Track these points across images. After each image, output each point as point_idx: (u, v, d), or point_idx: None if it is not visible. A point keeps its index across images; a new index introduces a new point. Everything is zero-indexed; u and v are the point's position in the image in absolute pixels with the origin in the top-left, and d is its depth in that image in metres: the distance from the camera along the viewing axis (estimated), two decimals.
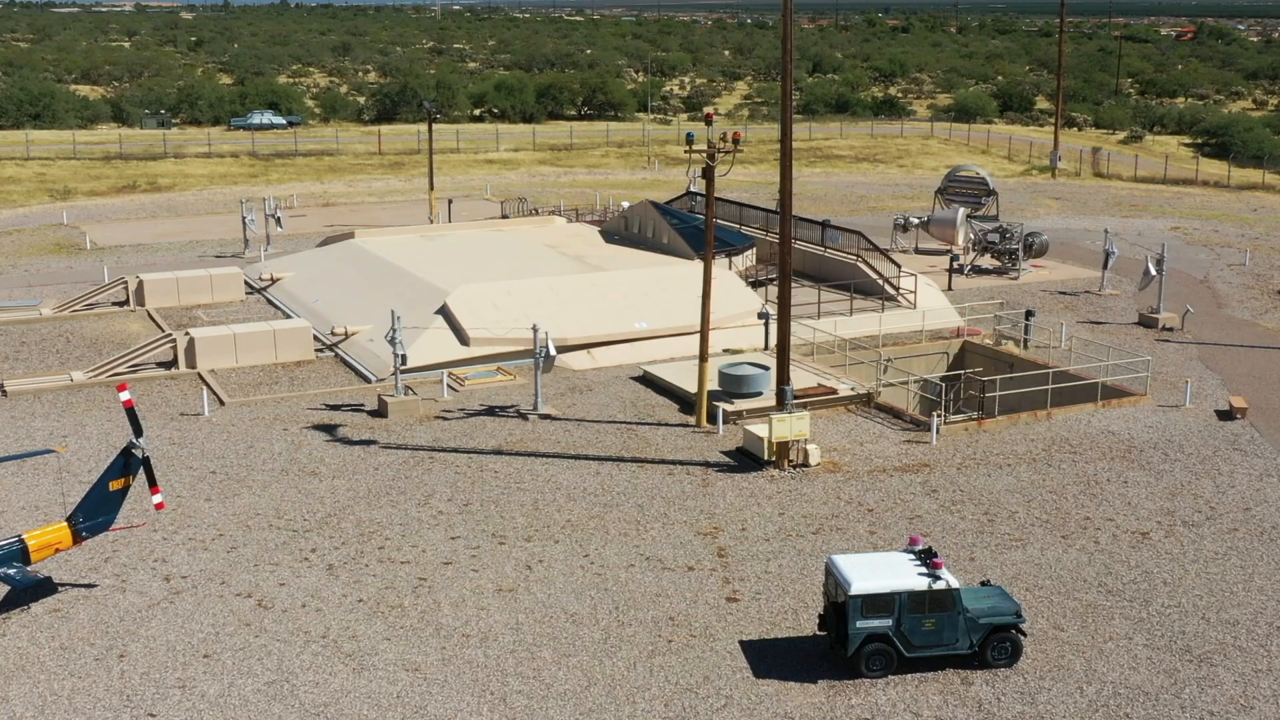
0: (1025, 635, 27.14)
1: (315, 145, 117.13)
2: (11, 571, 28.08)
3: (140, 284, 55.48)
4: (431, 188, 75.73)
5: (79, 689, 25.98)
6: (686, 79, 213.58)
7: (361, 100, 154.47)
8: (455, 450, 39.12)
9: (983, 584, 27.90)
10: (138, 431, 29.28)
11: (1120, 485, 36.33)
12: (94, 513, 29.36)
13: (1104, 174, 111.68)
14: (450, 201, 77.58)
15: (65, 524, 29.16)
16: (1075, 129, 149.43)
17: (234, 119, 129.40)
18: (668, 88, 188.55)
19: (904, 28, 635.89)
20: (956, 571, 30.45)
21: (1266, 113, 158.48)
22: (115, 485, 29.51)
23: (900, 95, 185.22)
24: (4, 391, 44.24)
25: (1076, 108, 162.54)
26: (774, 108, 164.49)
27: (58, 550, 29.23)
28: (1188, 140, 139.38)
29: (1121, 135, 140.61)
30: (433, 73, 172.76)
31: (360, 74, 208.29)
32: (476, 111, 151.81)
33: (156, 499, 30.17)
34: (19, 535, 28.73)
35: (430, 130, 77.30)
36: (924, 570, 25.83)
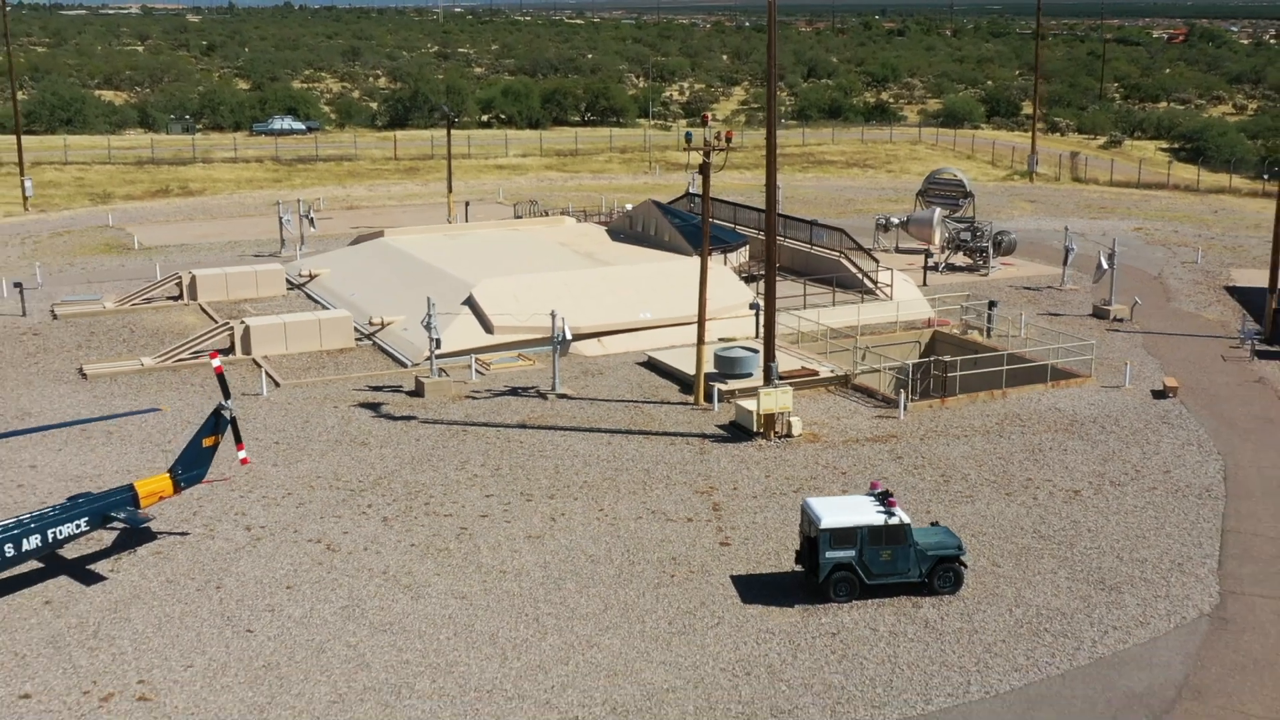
0: (966, 567, 32.86)
1: (334, 150, 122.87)
2: (122, 516, 33.80)
3: (193, 280, 61.26)
4: (450, 190, 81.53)
5: (187, 612, 31.69)
6: (685, 84, 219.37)
7: (374, 106, 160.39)
8: (485, 424, 44.84)
9: (932, 525, 33.65)
10: (226, 394, 35.01)
11: (1060, 453, 42.06)
12: (190, 466, 35.11)
13: (1081, 178, 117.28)
14: (467, 204, 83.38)
15: (167, 475, 34.90)
16: (1058, 134, 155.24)
17: (255, 124, 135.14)
18: (667, 93, 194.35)
19: (899, 30, 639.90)
20: (914, 523, 36.15)
21: (1244, 117, 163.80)
22: (207, 442, 35.26)
23: (892, 100, 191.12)
24: (83, 374, 49.98)
25: (1061, 112, 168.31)
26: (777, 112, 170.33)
27: (161, 498, 34.94)
28: (1165, 145, 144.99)
29: (1102, 140, 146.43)
30: (441, 78, 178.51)
31: (370, 79, 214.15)
32: (484, 117, 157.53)
33: (241, 454, 35.94)
34: (130, 483, 34.47)
35: (449, 134, 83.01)
36: (881, 509, 31.58)
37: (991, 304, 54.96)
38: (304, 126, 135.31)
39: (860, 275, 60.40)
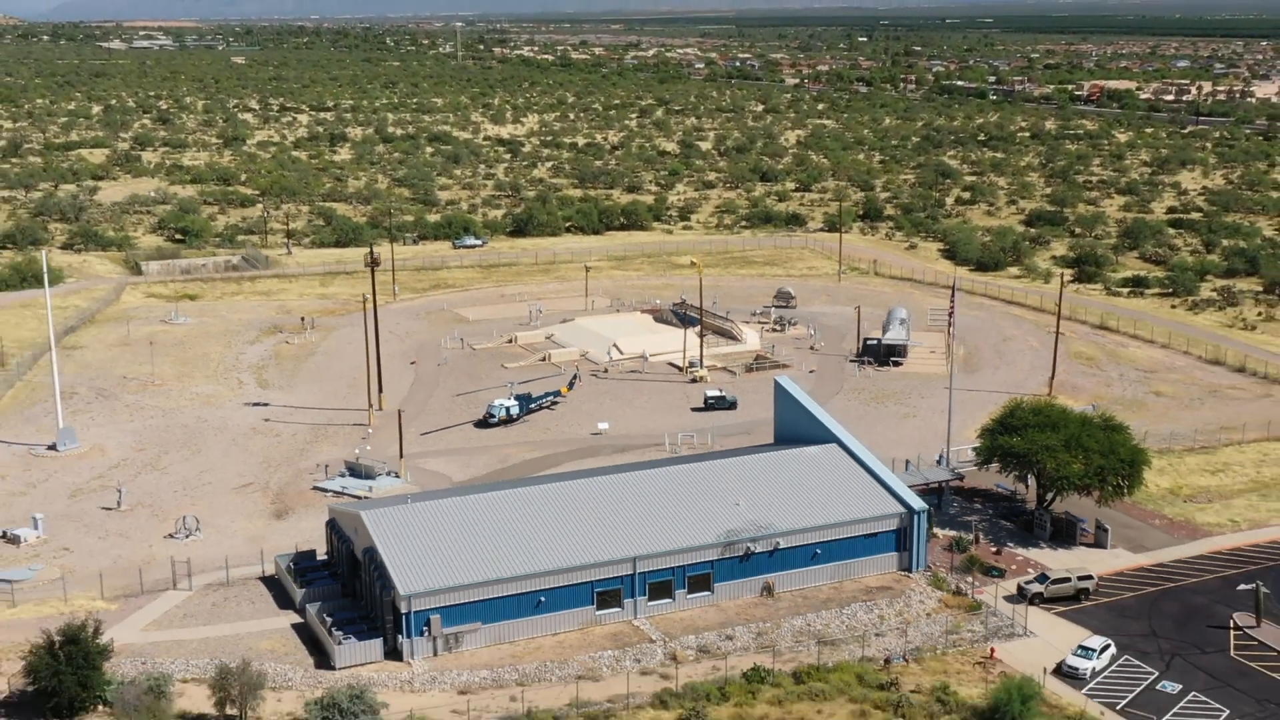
0: (736, 401, 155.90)
1: (506, 260, 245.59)
2: (559, 398, 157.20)
3: (516, 337, 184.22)
4: (586, 294, 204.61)
5: (580, 414, 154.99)
6: (681, 186, 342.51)
7: (500, 216, 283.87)
8: (626, 380, 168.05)
9: (730, 396, 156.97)
10: (576, 376, 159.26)
11: (765, 383, 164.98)
12: (571, 385, 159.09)
13: (881, 274, 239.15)
14: (593, 300, 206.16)
15: (567, 386, 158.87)
16: (888, 239, 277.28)
17: (455, 241, 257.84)
18: (669, 199, 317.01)
19: (868, 80, 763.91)
20: (727, 393, 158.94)
21: (1008, 220, 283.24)
22: (574, 380, 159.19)
23: (807, 207, 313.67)
24: (505, 367, 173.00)
25: (903, 219, 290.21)
26: (735, 216, 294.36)
27: (565, 392, 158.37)
28: (940, 246, 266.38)
29: (906, 244, 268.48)
30: (532, 193, 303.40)
31: (481, 186, 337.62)
32: (566, 224, 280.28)
33: (579, 383, 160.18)
34: (558, 389, 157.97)
35: (587, 278, 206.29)
36: (722, 392, 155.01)
37: (773, 345, 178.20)
38: (480, 241, 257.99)
39: (736, 333, 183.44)
